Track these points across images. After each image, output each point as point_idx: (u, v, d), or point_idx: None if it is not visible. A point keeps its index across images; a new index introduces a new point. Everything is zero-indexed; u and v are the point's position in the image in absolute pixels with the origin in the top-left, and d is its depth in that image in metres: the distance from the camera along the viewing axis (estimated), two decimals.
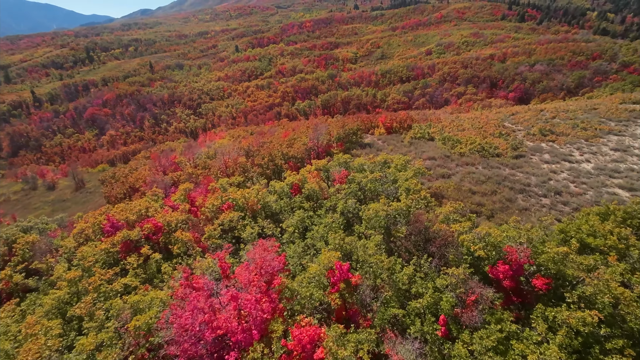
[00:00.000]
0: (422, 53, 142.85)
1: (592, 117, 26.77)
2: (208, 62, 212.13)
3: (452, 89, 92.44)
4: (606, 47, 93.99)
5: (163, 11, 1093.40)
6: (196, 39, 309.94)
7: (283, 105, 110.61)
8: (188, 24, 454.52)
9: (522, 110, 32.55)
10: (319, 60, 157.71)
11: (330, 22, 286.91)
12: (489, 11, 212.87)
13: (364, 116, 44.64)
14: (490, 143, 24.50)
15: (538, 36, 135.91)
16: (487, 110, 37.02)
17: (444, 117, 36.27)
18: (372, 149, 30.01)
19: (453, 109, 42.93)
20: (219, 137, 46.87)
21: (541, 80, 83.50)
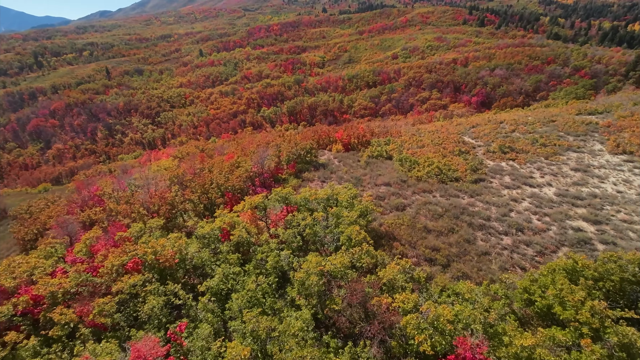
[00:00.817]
0: (388, 57, 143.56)
1: (550, 130, 25.47)
2: (170, 67, 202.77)
3: (418, 94, 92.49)
4: (559, 51, 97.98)
5: (124, 13, 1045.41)
6: (158, 43, 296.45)
7: (248, 112, 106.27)
8: (150, 26, 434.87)
9: (482, 122, 31.09)
10: (286, 64, 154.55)
11: (298, 25, 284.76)
12: (451, 16, 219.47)
13: (324, 129, 41.91)
14: (448, 165, 22.45)
15: (497, 40, 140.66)
16: (448, 122, 35.47)
17: (404, 130, 34.24)
18: (326, 170, 27.21)
19: (415, 119, 41.29)
20: (165, 156, 42.35)
21: (501, 85, 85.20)
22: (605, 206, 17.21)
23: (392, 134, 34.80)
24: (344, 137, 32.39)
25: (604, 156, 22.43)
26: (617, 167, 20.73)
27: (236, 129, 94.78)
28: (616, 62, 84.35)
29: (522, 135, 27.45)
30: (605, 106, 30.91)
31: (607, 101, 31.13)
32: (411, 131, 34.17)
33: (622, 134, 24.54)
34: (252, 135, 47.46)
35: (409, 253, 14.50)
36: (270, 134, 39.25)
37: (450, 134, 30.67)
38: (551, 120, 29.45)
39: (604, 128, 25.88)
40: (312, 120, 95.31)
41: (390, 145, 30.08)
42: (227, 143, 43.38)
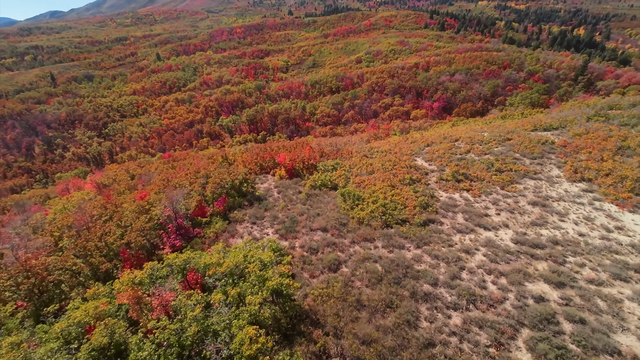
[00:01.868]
0: (352, 61, 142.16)
1: (506, 151, 23.05)
2: (124, 73, 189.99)
3: (380, 100, 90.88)
4: (514, 56, 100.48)
5: (77, 14, 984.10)
6: (112, 46, 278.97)
7: (205, 121, 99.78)
8: (104, 28, 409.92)
9: (438, 140, 28.47)
10: (248, 69, 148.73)
11: (262, 28, 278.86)
12: (413, 20, 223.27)
13: (268, 150, 37.86)
14: (395, 201, 19.22)
15: (457, 44, 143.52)
16: (403, 137, 32.67)
17: (356, 149, 30.99)
18: (261, 206, 23.19)
19: (370, 134, 38.27)
20: (90, 184, 36.28)
21: (461, 90, 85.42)
22: (568, 257, 14.60)
23: (344, 154, 31.47)
24: (288, 162, 28.50)
25: (562, 184, 20.20)
26: (576, 198, 18.45)
27: (191, 140, 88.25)
28: (566, 67, 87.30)
29: (477, 157, 24.92)
30: (560, 121, 29.32)
31: (561, 115, 29.60)
32: (363, 151, 30.98)
33: (579, 156, 22.58)
34: (192, 157, 42.48)
35: (332, 349, 10.87)
36: (202, 160, 34.67)
37: (403, 155, 27.73)
38: (507, 139, 27.30)
39: (560, 148, 23.89)
40: (273, 129, 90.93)
41: (337, 171, 26.60)
42: (162, 166, 38.10)
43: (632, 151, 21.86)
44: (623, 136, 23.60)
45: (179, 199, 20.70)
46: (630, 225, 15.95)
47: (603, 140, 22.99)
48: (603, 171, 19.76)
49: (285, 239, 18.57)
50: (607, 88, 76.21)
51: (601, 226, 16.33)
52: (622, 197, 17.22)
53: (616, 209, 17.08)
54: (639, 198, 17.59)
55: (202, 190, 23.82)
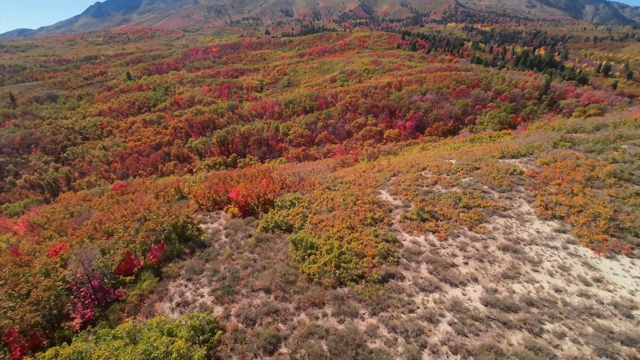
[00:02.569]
0: (327, 80, 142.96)
1: (474, 182, 21.26)
2: (92, 92, 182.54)
3: (354, 119, 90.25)
4: (481, 75, 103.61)
5: (47, 32, 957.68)
6: (81, 65, 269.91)
7: (174, 143, 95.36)
8: (74, 47, 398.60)
9: (405, 168, 26.60)
10: (221, 89, 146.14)
11: (238, 47, 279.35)
12: (386, 40, 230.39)
13: (229, 178, 34.96)
14: (352, 250, 16.72)
15: (428, 64, 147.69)
16: (370, 165, 30.64)
17: (320, 180, 28.56)
18: (203, 255, 20.03)
19: (336, 161, 36.11)
20: (21, 224, 31.70)
21: (432, 109, 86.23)
22: (545, 323, 12.43)
23: (305, 186, 28.95)
24: (241, 197, 25.59)
25: (533, 223, 18.44)
26: (549, 241, 16.63)
27: (157, 163, 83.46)
28: (530, 87, 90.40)
29: (444, 189, 23.04)
30: (527, 147, 28.25)
31: (528, 140, 28.63)
32: (327, 181, 28.60)
33: (549, 189, 21.10)
34: (145, 187, 38.73)
35: None
36: (146, 196, 31.22)
37: (368, 187, 25.53)
38: (475, 168, 25.73)
39: (529, 179, 22.40)
40: (245, 150, 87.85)
41: (295, 208, 23.97)
42: (107, 200, 34.12)
43: (602, 182, 20.52)
44: (591, 165, 22.42)
45: (95, 253, 17.24)
46: (609, 276, 14.12)
47: (572, 170, 21.67)
48: (575, 207, 18.16)
49: (221, 303, 15.48)
50: (569, 106, 79.01)
51: (578, 278, 14.42)
52: (596, 239, 15.47)
53: (592, 254, 15.28)
54: (614, 240, 15.93)
55: (135, 237, 20.43)
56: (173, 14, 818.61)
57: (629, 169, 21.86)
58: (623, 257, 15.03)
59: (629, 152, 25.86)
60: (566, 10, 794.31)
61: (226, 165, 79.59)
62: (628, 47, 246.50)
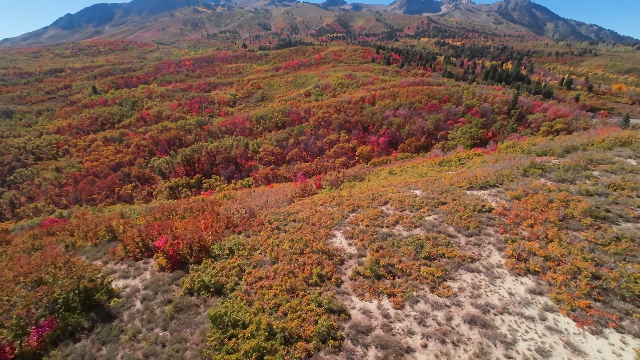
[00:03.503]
0: (301, 95, 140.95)
1: (439, 222, 18.40)
2: (53, 108, 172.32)
3: (326, 136, 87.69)
4: (453, 90, 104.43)
5: (12, 43, 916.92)
6: (44, 78, 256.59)
7: (135, 163, 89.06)
8: (39, 59, 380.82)
9: (365, 203, 23.65)
10: (191, 103, 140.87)
11: (213, 60, 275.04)
12: (361, 54, 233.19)
13: (173, 213, 30.65)
14: (285, 329, 13.02)
15: (401, 78, 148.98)
16: (330, 196, 27.33)
17: (271, 216, 24.92)
18: (103, 330, 15.73)
19: (295, 189, 32.66)
20: None
21: (405, 125, 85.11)
22: None
23: (254, 225, 25.18)
24: (169, 246, 21.40)
25: (505, 280, 15.53)
26: (524, 309, 13.67)
27: (114, 186, 76.97)
28: (499, 101, 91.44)
29: (405, 231, 19.96)
30: (496, 175, 25.89)
31: (497, 168, 26.38)
32: (278, 219, 25.01)
33: (521, 232, 18.43)
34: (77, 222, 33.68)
35: None
36: (57, 245, 26.63)
37: (322, 227, 22.15)
38: (441, 202, 22.94)
39: (498, 219, 19.73)
40: (212, 169, 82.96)
41: (232, 259, 20.11)
42: (20, 246, 28.78)
43: (578, 223, 18.02)
44: (564, 200, 20.00)
45: None
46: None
47: (544, 208, 19.16)
48: (551, 260, 15.37)
49: None
50: (537, 121, 79.95)
51: None
52: (578, 305, 12.58)
53: (575, 329, 12.36)
54: (599, 307, 13.12)
55: (21, 308, 15.84)
56: (148, 26, 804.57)
57: (604, 205, 19.56)
58: (612, 333, 12.24)
59: (602, 180, 23.89)
60: (529, 27, 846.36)
61: (190, 187, 74.50)
62: (586, 62, 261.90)
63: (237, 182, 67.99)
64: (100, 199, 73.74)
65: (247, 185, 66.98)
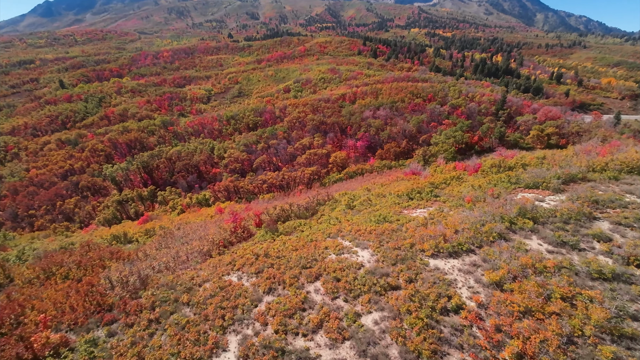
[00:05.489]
0: (280, 90, 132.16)
1: (380, 331, 12.19)
2: (14, 103, 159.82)
3: (300, 139, 79.89)
4: (438, 88, 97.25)
5: None
6: (11, 70, 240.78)
7: (87, 170, 79.97)
8: (10, 49, 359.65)
9: (291, 276, 17.12)
10: (161, 100, 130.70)
11: (193, 52, 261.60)
12: (347, 46, 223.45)
13: (59, 263, 23.04)
14: None
15: (386, 73, 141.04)
16: (252, 256, 20.47)
17: (164, 289, 17.70)
18: None
19: (225, 230, 25.29)
20: None
21: (385, 127, 77.84)
22: None
23: (133, 307, 17.84)
24: None
25: None
26: None
27: (57, 200, 68.11)
28: (487, 101, 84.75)
29: (327, 352, 12.78)
30: (472, 231, 18.92)
31: (476, 217, 19.44)
32: (168, 298, 17.71)
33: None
34: None
35: None
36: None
37: (214, 327, 14.97)
38: (390, 287, 16.06)
39: (468, 331, 12.80)
40: (172, 178, 74.64)
41: None
42: None
43: (590, 350, 11.03)
44: (568, 296, 13.02)
45: None
46: None
47: (539, 312, 12.12)
48: None
49: None
50: (527, 124, 73.60)
51: None
52: None
53: None
54: None
55: None
56: (131, 14, 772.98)
57: (630, 310, 12.66)
58: None
59: (616, 242, 17.09)
60: (520, 17, 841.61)
61: (142, 200, 66.26)
62: (576, 54, 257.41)
63: (192, 197, 60.03)
64: (40, 215, 65.02)
65: (204, 199, 59.15)
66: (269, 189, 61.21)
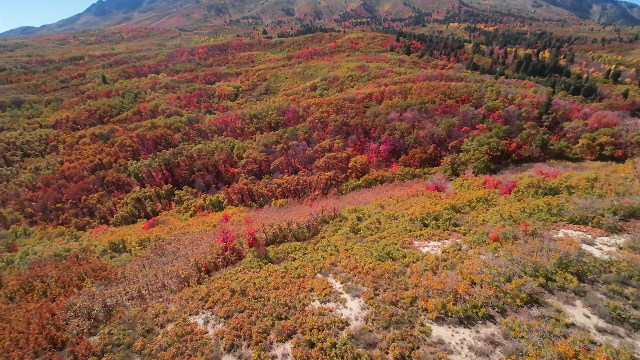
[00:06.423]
0: (307, 88, 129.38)
1: None
2: (62, 97, 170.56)
3: (321, 141, 76.71)
4: (474, 88, 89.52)
5: (48, 29, 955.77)
6: (63, 66, 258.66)
7: (114, 165, 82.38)
8: (64, 46, 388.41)
9: (259, 330, 13.78)
10: (190, 97, 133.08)
11: (227, 48, 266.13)
12: (379, 42, 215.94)
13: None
14: None
15: (418, 70, 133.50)
16: (222, 295, 17.82)
17: (125, 326, 15.41)
18: None
19: (215, 249, 22.93)
20: None
21: (412, 131, 72.48)
22: None
23: (82, 348, 15.77)
24: None
25: None
26: None
27: (83, 194, 70.42)
28: (529, 103, 76.28)
29: None
30: (494, 289, 14.98)
31: (497, 267, 15.13)
32: (121, 342, 15.42)
33: None
34: None
35: None
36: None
37: None
38: (388, 323, 13.28)
39: None
40: (191, 177, 74.65)
41: None
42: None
43: None
44: None
45: None
46: None
47: None
48: None
49: None
50: (575, 131, 64.93)
51: None
52: None
53: None
54: None
55: None
56: (173, 12, 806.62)
57: None
58: None
59: None
60: (573, 10, 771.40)
61: (160, 198, 66.63)
62: (638, 50, 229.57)
63: (207, 198, 59.08)
64: (66, 208, 67.55)
65: (217, 201, 57.93)
66: (283, 194, 58.76)
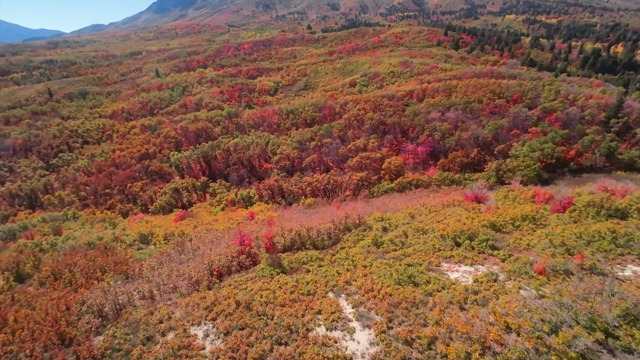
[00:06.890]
0: (346, 84, 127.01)
1: None
2: (120, 90, 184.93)
3: (355, 139, 74.45)
4: (528, 86, 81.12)
5: (115, 27, 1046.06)
6: (124, 60, 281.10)
7: (158, 155, 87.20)
8: (126, 42, 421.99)
9: None
10: (232, 91, 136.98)
11: (271, 44, 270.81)
12: (425, 36, 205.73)
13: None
14: None
15: (466, 67, 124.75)
16: (223, 306, 17.02)
17: (129, 329, 15.38)
18: None
19: (232, 251, 22.50)
20: None
21: (453, 133, 67.47)
22: None
23: (85, 349, 15.91)
24: None
25: None
26: None
27: (127, 182, 75.28)
28: (594, 105, 67.17)
29: None
30: (534, 342, 12.33)
31: (538, 312, 12.56)
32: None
33: None
34: None
35: None
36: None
37: None
38: None
39: None
40: (226, 170, 76.55)
41: None
42: None
43: None
44: None
45: None
46: None
47: None
48: None
49: None
50: None
51: None
52: None
53: None
54: None
55: None
56: (224, 9, 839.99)
57: None
58: None
59: None
60: None
61: (196, 190, 69.06)
62: None
63: (238, 193, 59.97)
64: (114, 194, 72.74)
65: (248, 197, 58.50)
66: (313, 193, 57.77)
